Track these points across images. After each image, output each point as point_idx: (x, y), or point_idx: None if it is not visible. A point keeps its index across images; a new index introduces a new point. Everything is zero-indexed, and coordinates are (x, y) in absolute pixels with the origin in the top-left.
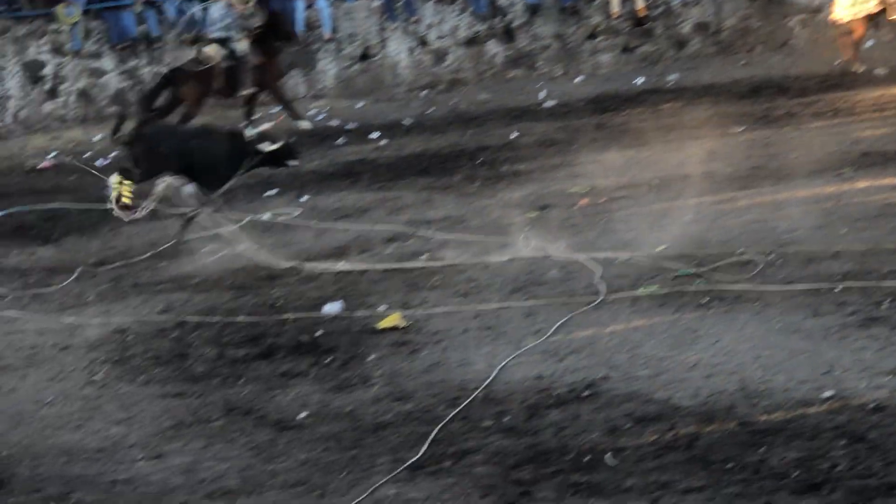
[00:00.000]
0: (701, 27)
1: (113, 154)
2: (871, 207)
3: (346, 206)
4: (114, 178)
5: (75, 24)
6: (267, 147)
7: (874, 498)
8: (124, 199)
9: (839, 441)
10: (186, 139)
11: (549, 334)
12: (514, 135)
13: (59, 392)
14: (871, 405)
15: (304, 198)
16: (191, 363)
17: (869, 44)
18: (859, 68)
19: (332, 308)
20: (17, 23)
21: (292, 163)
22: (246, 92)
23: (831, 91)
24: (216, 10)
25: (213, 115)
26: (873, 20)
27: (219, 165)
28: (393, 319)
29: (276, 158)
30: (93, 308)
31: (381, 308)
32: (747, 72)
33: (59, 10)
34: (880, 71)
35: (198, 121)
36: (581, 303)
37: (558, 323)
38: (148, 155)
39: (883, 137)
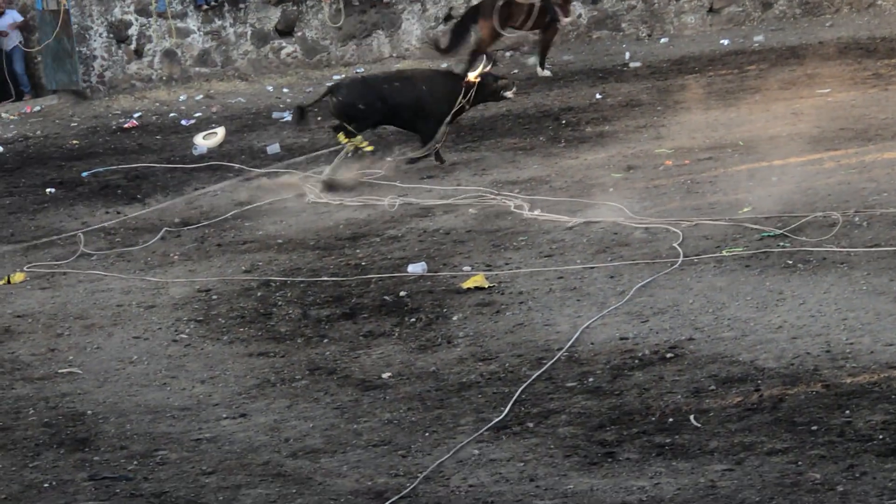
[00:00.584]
0: None
1: (197, 114)
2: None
3: (429, 166)
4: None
5: None
6: (508, 93)
7: None
8: (365, 148)
9: None
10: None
11: (630, 295)
12: (598, 96)
13: (145, 351)
14: None
15: (389, 158)
16: (275, 323)
17: None
18: None
19: (416, 268)
20: None
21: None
22: (537, 29)
23: None
24: None
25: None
26: None
27: (436, 106)
28: (477, 280)
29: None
30: (178, 267)
31: (466, 268)
32: (834, 33)
33: None
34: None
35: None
36: (665, 265)
37: (639, 284)
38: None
39: None
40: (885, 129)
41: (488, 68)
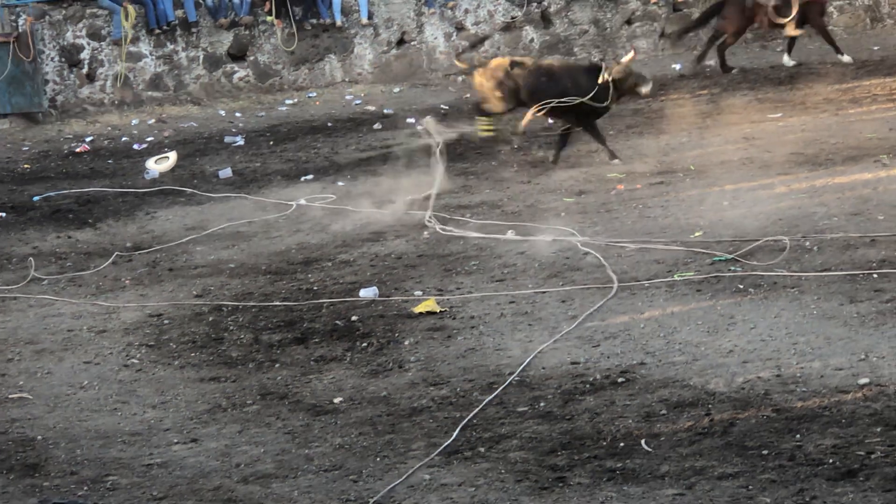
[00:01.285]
0: None
1: (149, 139)
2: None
3: (381, 190)
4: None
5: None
6: (644, 89)
7: None
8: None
9: (875, 428)
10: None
11: (581, 320)
12: (550, 120)
13: (96, 376)
14: None
15: (340, 182)
16: (226, 347)
17: None
18: None
19: (367, 293)
20: (55, 7)
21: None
22: (789, 25)
23: (868, 77)
24: None
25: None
26: None
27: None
28: (428, 305)
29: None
30: (129, 292)
31: (417, 293)
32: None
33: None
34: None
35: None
36: (611, 290)
37: (592, 308)
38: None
39: None
40: (836, 153)
41: (628, 62)
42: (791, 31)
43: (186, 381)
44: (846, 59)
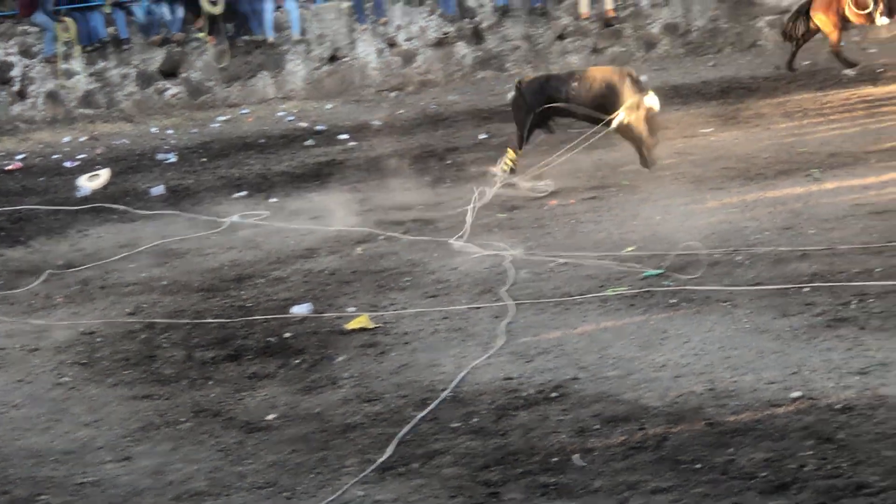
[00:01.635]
0: (670, 28)
1: (81, 156)
2: (838, 208)
3: (315, 206)
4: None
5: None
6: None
7: (841, 498)
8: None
9: (807, 441)
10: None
11: (515, 335)
12: (483, 136)
13: (27, 394)
14: (839, 405)
15: (273, 199)
16: (159, 365)
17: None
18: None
19: (300, 309)
20: None
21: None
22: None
23: (800, 91)
24: None
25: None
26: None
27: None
28: (361, 321)
29: None
30: (61, 310)
31: (350, 309)
32: (716, 73)
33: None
34: (848, 72)
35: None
36: (550, 304)
37: (525, 324)
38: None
39: (851, 137)
40: (768, 168)
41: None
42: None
43: (119, 399)
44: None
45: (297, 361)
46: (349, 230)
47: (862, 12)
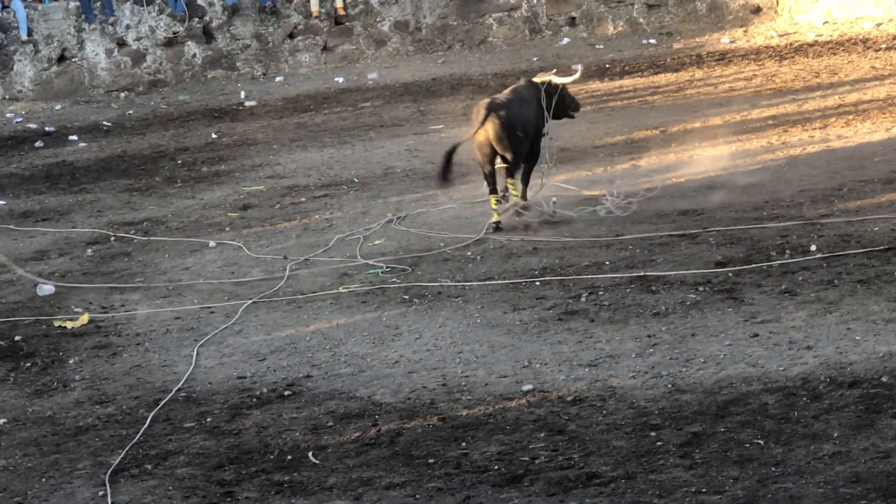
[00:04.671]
0: (400, 25)
1: None
2: (567, 204)
3: (45, 209)
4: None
5: None
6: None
7: (573, 489)
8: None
9: (539, 433)
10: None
11: (247, 334)
12: (214, 135)
13: None
14: (570, 397)
15: (2, 202)
16: None
17: (564, 42)
18: None
19: (44, 289)
20: None
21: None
22: None
23: None
24: None
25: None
26: None
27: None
28: (82, 320)
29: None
30: None
31: (78, 310)
32: (446, 69)
33: None
34: (577, 66)
35: None
36: (281, 301)
37: (254, 321)
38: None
39: (580, 132)
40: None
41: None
42: None
43: None
44: None
45: (27, 365)
46: (80, 232)
47: None
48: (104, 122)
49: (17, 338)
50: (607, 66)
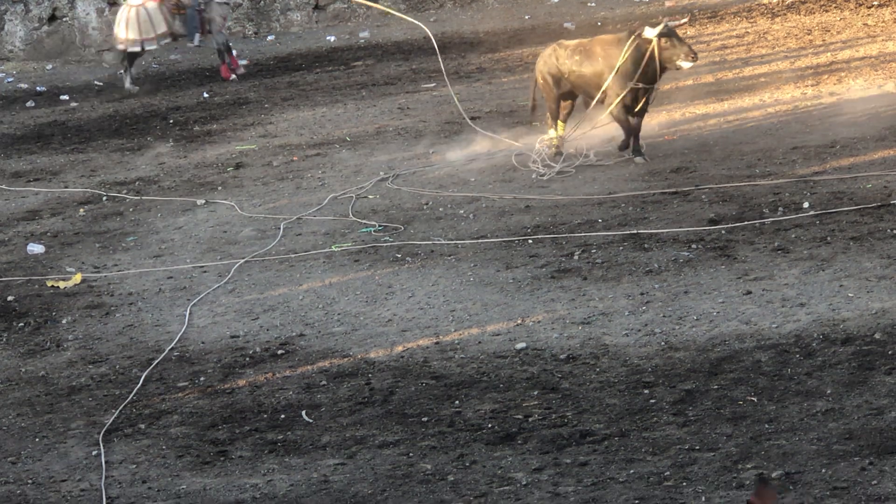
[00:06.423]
0: None
1: None
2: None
3: (36, 168)
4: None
5: None
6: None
7: (566, 447)
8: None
9: (532, 391)
10: None
11: (239, 292)
12: (205, 95)
13: None
14: (563, 355)
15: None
16: None
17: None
18: None
19: (35, 248)
20: None
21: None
22: None
23: (520, 46)
24: None
25: None
26: None
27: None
28: (75, 280)
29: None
30: None
31: (71, 270)
32: (438, 28)
33: None
34: (568, 25)
35: None
36: (274, 261)
37: (246, 280)
38: None
39: None
40: (491, 121)
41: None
42: None
43: None
44: None
45: (20, 325)
46: (72, 191)
47: None
48: (96, 82)
49: (9, 298)
50: (598, 24)
